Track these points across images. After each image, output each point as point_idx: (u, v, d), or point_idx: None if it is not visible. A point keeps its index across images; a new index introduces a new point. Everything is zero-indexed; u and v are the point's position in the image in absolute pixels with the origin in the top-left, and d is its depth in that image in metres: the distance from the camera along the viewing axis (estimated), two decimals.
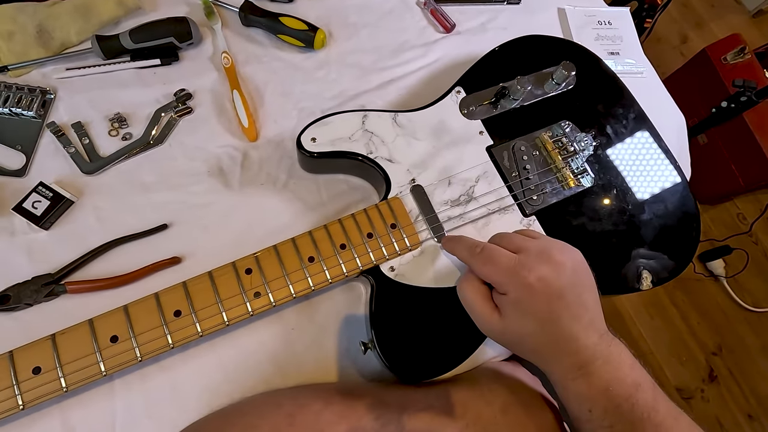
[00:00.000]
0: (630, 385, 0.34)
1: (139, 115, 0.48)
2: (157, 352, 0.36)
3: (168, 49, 0.50)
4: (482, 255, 0.36)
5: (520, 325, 0.34)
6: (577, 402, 0.35)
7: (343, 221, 0.42)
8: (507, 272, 0.34)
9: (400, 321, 0.40)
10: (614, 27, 0.62)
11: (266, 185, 0.48)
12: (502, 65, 0.51)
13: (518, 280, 0.33)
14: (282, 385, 0.42)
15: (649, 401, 0.34)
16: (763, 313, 1.41)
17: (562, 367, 0.35)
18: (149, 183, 0.46)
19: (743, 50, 1.30)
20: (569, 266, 0.34)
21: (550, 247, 0.35)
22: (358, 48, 0.56)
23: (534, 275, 0.33)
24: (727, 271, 1.42)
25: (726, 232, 1.48)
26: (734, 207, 1.53)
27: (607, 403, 0.33)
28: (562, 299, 0.33)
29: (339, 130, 0.45)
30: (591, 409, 0.34)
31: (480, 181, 0.46)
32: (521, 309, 0.34)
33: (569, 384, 0.35)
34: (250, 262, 0.39)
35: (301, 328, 0.43)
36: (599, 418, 0.34)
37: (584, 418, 0.35)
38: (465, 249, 0.37)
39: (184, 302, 0.37)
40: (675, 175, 0.50)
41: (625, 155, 0.50)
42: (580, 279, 0.35)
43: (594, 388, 0.34)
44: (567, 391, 0.35)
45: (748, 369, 1.35)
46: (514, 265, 0.34)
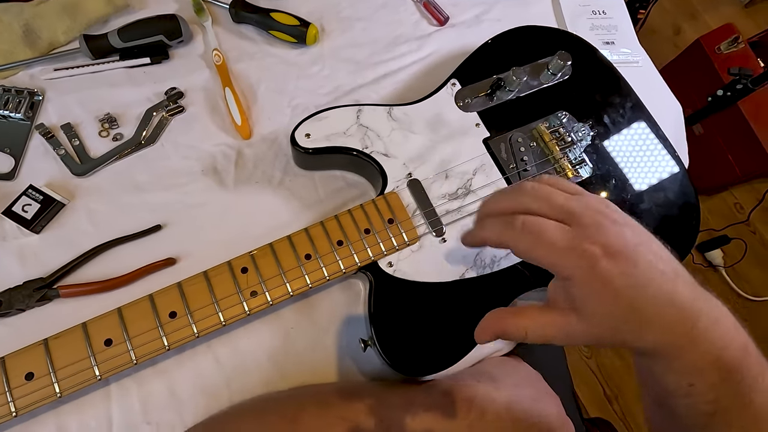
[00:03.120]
0: (738, 350, 0.27)
1: (130, 115, 0.47)
2: (153, 355, 0.35)
3: (158, 48, 0.49)
4: (527, 231, 0.28)
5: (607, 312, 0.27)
6: (677, 375, 0.28)
7: (340, 217, 0.41)
8: (565, 250, 0.27)
9: (400, 317, 0.40)
10: (609, 16, 0.62)
11: (261, 183, 0.47)
12: (497, 56, 0.51)
13: (579, 255, 0.27)
14: (282, 385, 0.41)
15: (757, 366, 0.28)
16: (762, 302, 1.41)
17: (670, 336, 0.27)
18: (142, 183, 0.45)
19: (737, 40, 1.30)
20: (622, 221, 0.29)
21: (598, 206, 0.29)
22: (352, 42, 0.55)
23: (596, 243, 0.27)
24: (725, 260, 1.42)
25: (724, 222, 1.48)
26: (731, 197, 1.53)
27: (713, 375, 0.27)
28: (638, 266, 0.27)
29: (334, 125, 0.45)
30: (694, 383, 0.28)
31: (477, 173, 0.45)
32: (598, 291, 0.27)
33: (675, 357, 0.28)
34: (246, 260, 0.39)
35: (300, 327, 0.43)
36: (702, 392, 0.28)
37: (682, 392, 0.29)
38: (498, 227, 0.29)
39: (180, 303, 0.36)
40: (673, 164, 0.50)
41: (623, 145, 0.49)
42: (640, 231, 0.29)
43: (699, 359, 0.27)
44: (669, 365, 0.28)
45: None
46: (572, 238, 0.27)
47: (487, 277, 0.42)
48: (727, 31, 1.35)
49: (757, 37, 1.44)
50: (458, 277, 0.41)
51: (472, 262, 0.42)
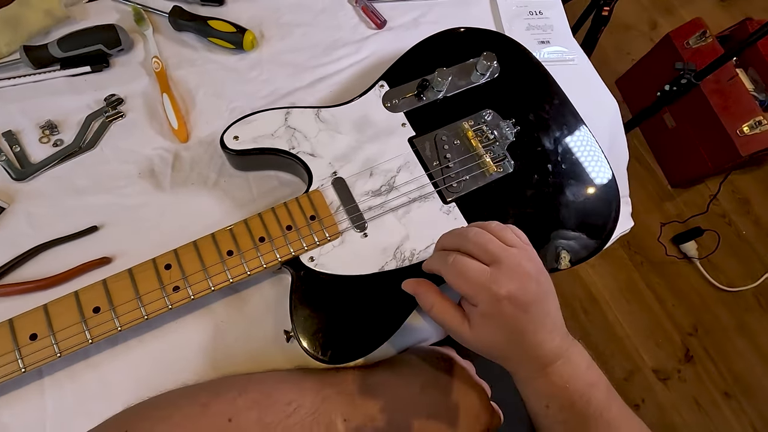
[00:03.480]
0: (585, 384, 0.37)
1: (71, 121, 0.50)
2: (76, 348, 0.37)
3: (98, 56, 0.51)
4: (454, 267, 0.36)
5: (487, 336, 0.36)
6: (536, 398, 0.38)
7: (263, 215, 0.43)
8: (478, 286, 0.35)
9: (320, 309, 0.42)
10: (545, 16, 0.63)
11: (197, 185, 0.49)
12: (426, 58, 0.53)
13: (488, 294, 0.34)
14: (213, 376, 0.43)
15: (602, 400, 0.37)
16: (737, 292, 1.42)
17: (526, 369, 0.37)
18: (82, 187, 0.48)
19: (704, 34, 1.32)
20: (534, 278, 0.35)
21: (519, 259, 0.36)
22: (292, 47, 0.57)
23: (504, 291, 0.34)
24: (700, 252, 1.44)
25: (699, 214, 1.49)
26: (707, 189, 1.55)
27: (564, 400, 0.36)
28: (528, 313, 0.35)
29: (262, 127, 0.47)
30: (548, 404, 0.37)
31: (401, 171, 0.48)
32: (490, 322, 0.35)
33: (530, 382, 0.37)
34: (170, 257, 0.41)
35: (231, 320, 0.45)
36: (555, 414, 0.37)
37: (542, 413, 0.38)
38: (437, 260, 0.38)
39: (104, 299, 0.38)
40: (597, 158, 0.52)
41: (547, 141, 0.51)
42: (544, 289, 0.36)
43: (553, 386, 0.36)
44: (528, 388, 0.38)
45: (723, 348, 1.37)
46: (485, 280, 0.34)
47: (405, 269, 0.44)
48: (696, 25, 1.37)
49: (729, 31, 1.46)
50: (378, 270, 0.43)
51: (392, 255, 0.44)
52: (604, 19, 1.16)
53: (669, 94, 0.92)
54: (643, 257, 1.44)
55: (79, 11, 0.54)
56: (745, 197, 1.54)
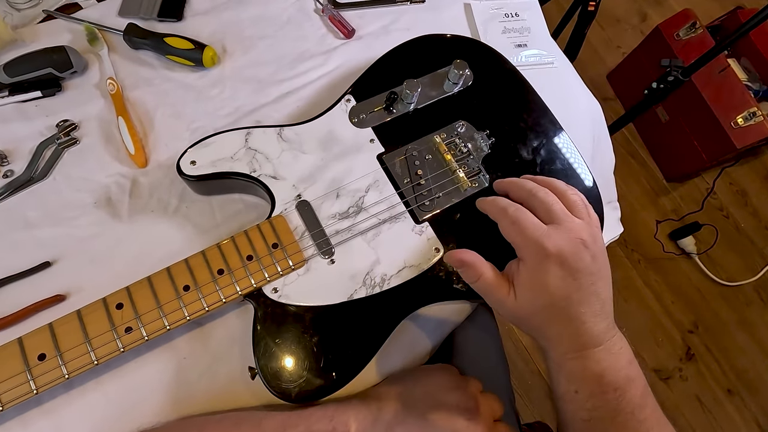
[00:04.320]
0: (623, 378, 0.35)
1: (22, 150, 0.47)
2: (20, 400, 0.35)
3: (50, 80, 0.49)
4: (514, 214, 0.36)
5: (532, 297, 0.35)
6: (567, 380, 0.36)
7: (222, 245, 0.41)
8: (531, 239, 0.35)
9: (286, 343, 0.39)
10: (522, 18, 0.61)
11: (157, 212, 0.47)
12: (395, 69, 0.50)
13: (539, 249, 0.34)
14: (174, 416, 0.40)
15: (637, 398, 0.35)
16: (737, 286, 1.40)
17: (562, 345, 0.36)
18: (32, 219, 0.45)
19: (694, 25, 1.29)
20: (590, 251, 0.35)
21: (581, 228, 0.35)
22: (256, 61, 0.55)
23: (555, 246, 0.34)
24: (698, 247, 1.41)
25: (695, 208, 1.47)
26: (703, 182, 1.52)
27: (596, 388, 0.34)
28: (576, 280, 0.34)
29: (220, 150, 0.44)
30: (578, 390, 0.35)
31: (370, 190, 0.45)
32: (536, 281, 0.35)
33: (565, 363, 0.36)
34: (122, 296, 0.38)
35: (194, 356, 0.42)
36: (583, 400, 0.35)
37: (569, 397, 0.36)
38: (497, 208, 0.38)
39: (50, 344, 0.36)
40: (579, 167, 0.49)
41: (525, 152, 0.49)
42: (598, 267, 0.35)
43: (587, 371, 0.35)
44: (560, 368, 0.36)
45: (724, 344, 1.34)
46: (541, 234, 0.34)
47: (376, 297, 0.41)
48: (685, 16, 1.34)
49: (718, 21, 1.43)
50: (346, 299, 0.41)
51: (361, 282, 0.42)
52: (590, 14, 1.13)
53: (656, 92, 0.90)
54: (640, 255, 1.41)
55: (28, 33, 0.51)
56: (742, 189, 1.52)
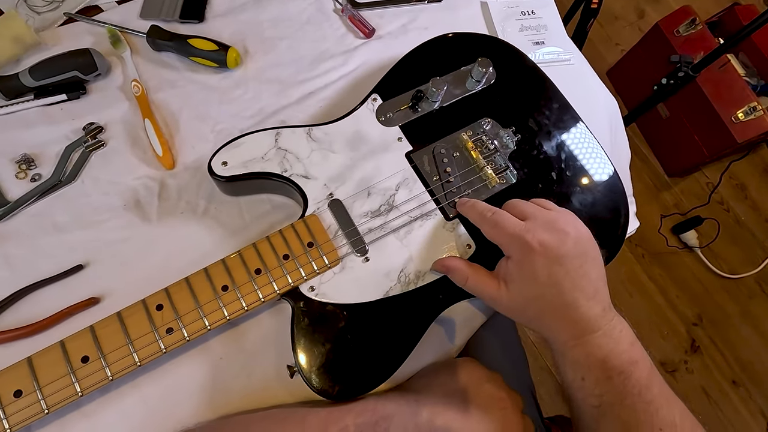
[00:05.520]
0: (626, 361, 0.35)
1: (48, 154, 0.47)
2: (65, 402, 0.34)
3: (74, 83, 0.49)
4: (492, 218, 0.39)
5: (523, 289, 0.36)
6: (572, 369, 0.36)
7: (258, 245, 0.41)
8: (512, 235, 0.37)
9: (324, 341, 0.39)
10: (538, 16, 0.61)
11: (186, 214, 0.47)
12: (419, 68, 0.50)
13: (522, 243, 0.36)
14: (211, 416, 0.41)
15: (642, 379, 0.35)
16: (739, 279, 1.42)
17: (562, 334, 0.36)
18: (62, 223, 0.45)
19: (694, 21, 1.31)
20: (572, 236, 0.36)
21: (557, 218, 0.37)
22: (276, 62, 0.55)
23: (537, 239, 0.35)
24: (700, 241, 1.43)
25: (697, 202, 1.48)
26: (703, 177, 1.54)
27: (601, 373, 0.35)
28: (562, 266, 0.35)
29: (251, 150, 0.44)
30: (584, 377, 0.36)
31: (400, 188, 0.45)
32: (524, 272, 0.36)
33: (567, 351, 0.36)
34: (161, 297, 0.38)
35: (229, 356, 0.43)
36: (590, 387, 0.36)
37: (576, 385, 0.37)
38: (477, 213, 0.40)
39: (92, 347, 0.36)
40: (603, 163, 0.50)
41: (550, 148, 0.49)
42: (583, 250, 0.37)
43: (591, 358, 0.35)
44: (564, 357, 0.37)
45: (729, 336, 1.36)
46: (520, 229, 0.36)
47: (411, 293, 0.42)
48: (685, 13, 1.35)
49: (717, 17, 1.45)
50: (382, 296, 0.41)
51: (396, 279, 0.42)
52: (593, 12, 1.14)
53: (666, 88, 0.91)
54: (643, 249, 1.43)
55: (50, 36, 0.51)
56: (742, 183, 1.54)
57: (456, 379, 0.42)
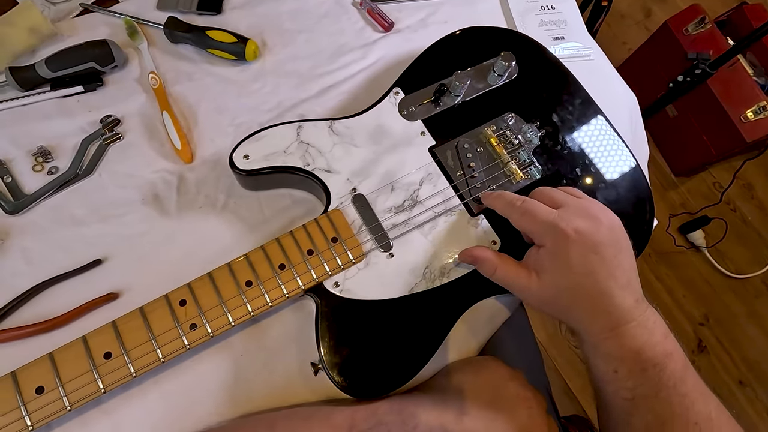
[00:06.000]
0: (661, 353, 0.34)
1: (65, 146, 0.46)
2: (88, 399, 0.34)
3: (90, 75, 0.48)
4: (522, 206, 0.37)
5: (556, 279, 0.35)
6: (604, 361, 0.35)
7: (281, 240, 0.40)
8: (545, 223, 0.35)
9: (349, 338, 0.39)
10: (558, 11, 0.61)
11: (205, 208, 0.46)
12: (441, 61, 0.50)
13: (556, 231, 0.35)
14: (233, 414, 0.40)
15: (677, 372, 0.34)
16: (746, 279, 1.41)
17: (595, 325, 0.35)
18: (80, 217, 0.44)
19: (703, 20, 1.30)
20: (606, 224, 0.36)
21: (589, 205, 0.37)
22: (295, 55, 0.54)
23: (571, 227, 0.34)
24: (707, 241, 1.42)
25: (704, 202, 1.48)
26: (710, 176, 1.53)
27: (635, 365, 0.34)
28: (597, 254, 0.34)
29: (273, 144, 0.43)
30: (617, 369, 0.35)
31: (424, 183, 0.45)
32: (558, 260, 0.35)
33: (600, 343, 0.35)
34: (184, 292, 0.37)
35: (250, 353, 0.42)
36: (623, 379, 0.35)
37: (608, 378, 0.36)
38: (505, 202, 0.39)
39: (115, 343, 0.35)
40: (626, 158, 0.49)
41: (574, 143, 0.49)
42: (617, 239, 0.36)
43: (624, 349, 0.34)
44: (596, 350, 0.36)
45: (735, 336, 1.36)
46: (554, 217, 0.35)
47: (437, 290, 0.41)
48: (694, 11, 1.35)
49: (725, 16, 1.44)
50: (408, 292, 0.41)
51: (421, 275, 0.41)
52: (603, 10, 1.14)
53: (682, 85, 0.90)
54: (650, 248, 1.42)
55: (66, 27, 0.50)
56: (749, 182, 1.53)
57: (481, 378, 0.42)
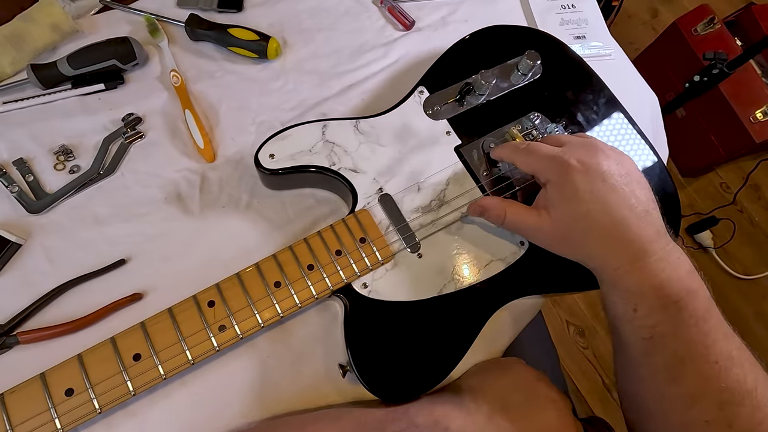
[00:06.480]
0: (683, 289, 0.32)
1: (87, 145, 0.46)
2: (118, 401, 0.33)
3: (112, 73, 0.47)
4: (526, 148, 0.38)
5: (566, 211, 0.34)
6: (623, 299, 0.33)
7: (309, 240, 0.40)
8: (548, 158, 0.36)
9: (378, 339, 0.38)
10: (578, 10, 0.60)
11: (228, 207, 0.45)
12: (465, 60, 0.49)
13: (559, 163, 0.35)
14: (260, 416, 0.39)
15: (700, 310, 0.32)
16: (753, 280, 1.41)
17: (613, 258, 0.33)
18: (102, 216, 0.44)
19: (713, 20, 1.30)
20: (613, 157, 0.35)
21: (594, 141, 0.37)
22: (316, 53, 0.54)
23: (574, 158, 0.34)
24: (715, 242, 1.42)
25: (711, 203, 1.48)
26: (717, 177, 1.53)
27: (656, 301, 0.32)
28: (606, 182, 0.34)
29: (298, 143, 0.43)
30: (637, 307, 0.33)
31: (451, 183, 0.44)
32: (565, 191, 0.34)
33: (619, 279, 0.33)
34: (213, 293, 0.37)
35: (277, 355, 0.41)
36: (643, 317, 0.33)
37: (628, 317, 0.34)
38: (510, 148, 0.40)
39: (144, 344, 0.35)
40: (651, 157, 0.49)
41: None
42: (627, 170, 0.35)
43: (645, 285, 0.32)
44: (615, 287, 0.34)
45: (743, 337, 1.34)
46: (556, 152, 0.35)
47: (467, 291, 0.41)
48: (703, 11, 1.34)
49: (733, 17, 1.44)
50: (437, 293, 0.40)
51: (450, 276, 0.41)
52: (613, 9, 1.13)
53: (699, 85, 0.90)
54: None
55: (87, 24, 0.49)
56: (756, 184, 1.53)
57: (508, 379, 0.41)
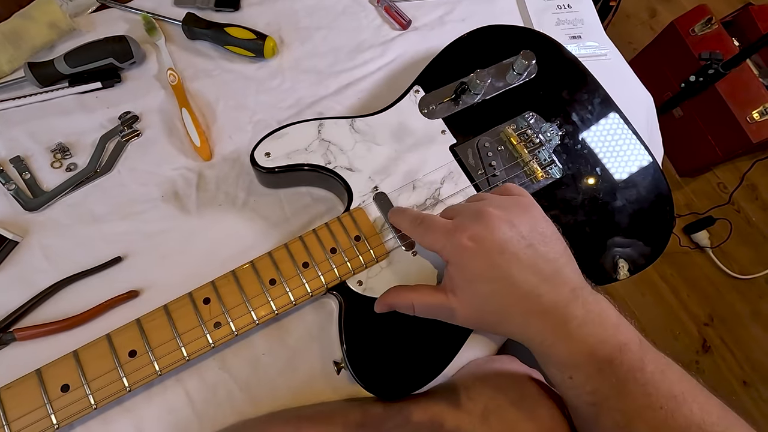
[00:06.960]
0: (614, 347, 0.31)
1: (84, 143, 0.46)
2: (114, 397, 0.33)
3: (109, 71, 0.47)
4: (422, 226, 0.35)
5: (473, 293, 0.33)
6: (558, 369, 0.33)
7: (305, 238, 0.40)
8: (443, 237, 0.33)
9: (373, 337, 0.39)
10: (574, 10, 0.61)
11: (225, 205, 0.46)
12: (460, 60, 0.50)
13: (453, 243, 0.33)
14: (254, 413, 0.40)
15: (635, 362, 0.31)
16: (750, 279, 1.42)
17: (535, 333, 0.32)
18: (99, 214, 0.44)
19: (710, 21, 1.30)
20: (505, 220, 0.33)
21: (484, 206, 0.33)
22: (313, 52, 0.54)
23: (466, 235, 0.32)
24: (712, 241, 1.43)
25: (708, 202, 1.48)
26: (714, 177, 1.54)
27: (590, 368, 0.31)
28: (504, 252, 0.32)
29: (294, 141, 0.43)
30: (572, 375, 0.32)
31: (446, 182, 0.44)
32: (465, 274, 0.33)
33: (548, 352, 0.32)
34: (208, 290, 0.37)
35: (272, 352, 0.42)
36: (581, 384, 0.32)
37: (566, 384, 0.33)
38: (407, 223, 0.37)
39: (139, 341, 0.35)
40: (645, 158, 0.49)
41: (593, 142, 0.49)
42: (527, 229, 0.33)
43: (575, 354, 0.31)
44: (547, 358, 0.33)
45: (740, 336, 1.36)
46: (449, 229, 0.33)
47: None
48: (701, 12, 1.35)
49: (731, 17, 1.44)
50: None
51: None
52: (611, 9, 1.14)
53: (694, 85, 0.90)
54: None
55: (84, 22, 0.50)
56: (753, 183, 1.54)
57: (502, 377, 0.42)
